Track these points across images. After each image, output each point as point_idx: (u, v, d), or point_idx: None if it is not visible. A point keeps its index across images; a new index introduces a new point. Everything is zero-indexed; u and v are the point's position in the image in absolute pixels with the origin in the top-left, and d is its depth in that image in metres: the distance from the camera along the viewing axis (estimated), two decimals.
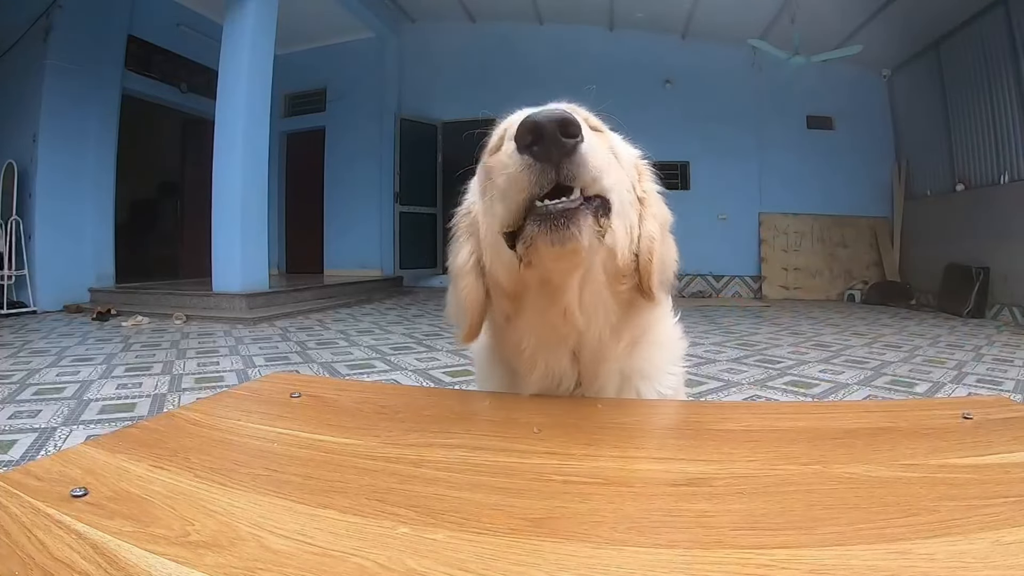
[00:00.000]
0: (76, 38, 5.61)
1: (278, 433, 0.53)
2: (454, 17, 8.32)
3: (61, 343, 3.81)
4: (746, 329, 4.99)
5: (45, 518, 0.35)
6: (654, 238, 0.63)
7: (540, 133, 0.47)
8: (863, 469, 0.44)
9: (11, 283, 5.28)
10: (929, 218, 7.24)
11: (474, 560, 0.32)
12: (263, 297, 5.36)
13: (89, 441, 0.49)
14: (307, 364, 3.32)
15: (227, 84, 5.30)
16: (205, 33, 6.70)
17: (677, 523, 0.37)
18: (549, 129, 0.47)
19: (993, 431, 0.52)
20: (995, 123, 6.01)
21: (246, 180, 5.27)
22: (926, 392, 2.79)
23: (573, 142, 0.48)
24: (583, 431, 0.54)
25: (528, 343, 0.62)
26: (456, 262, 0.66)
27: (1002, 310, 5.81)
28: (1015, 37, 5.61)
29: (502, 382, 0.69)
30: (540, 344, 0.62)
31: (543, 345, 0.62)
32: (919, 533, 0.34)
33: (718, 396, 2.68)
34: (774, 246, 8.11)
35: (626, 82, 8.17)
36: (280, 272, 8.68)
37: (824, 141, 8.12)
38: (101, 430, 2.04)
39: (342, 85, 8.30)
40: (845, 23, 6.93)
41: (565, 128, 0.47)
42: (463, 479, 0.43)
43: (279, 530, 0.35)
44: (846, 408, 0.89)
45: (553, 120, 0.47)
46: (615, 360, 0.65)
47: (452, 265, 0.67)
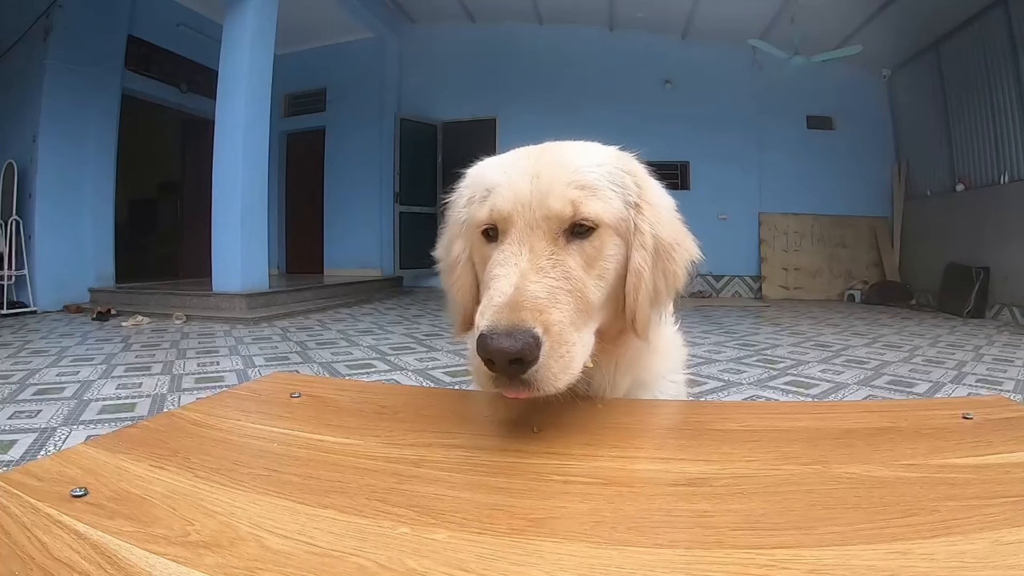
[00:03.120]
0: (76, 38, 5.61)
1: (278, 433, 0.53)
2: (454, 17, 8.32)
3: (61, 343, 3.81)
4: (746, 329, 4.98)
5: (45, 518, 0.35)
6: (641, 273, 0.59)
7: (490, 359, 0.48)
8: (863, 469, 0.44)
9: (11, 283, 5.28)
10: (929, 218, 7.24)
11: (474, 560, 0.32)
12: (263, 297, 5.36)
13: (89, 441, 0.49)
14: (307, 364, 3.32)
15: (227, 84, 5.30)
16: (205, 33, 6.70)
17: (677, 523, 0.37)
18: (500, 364, 0.47)
19: (993, 431, 0.52)
20: (995, 123, 6.01)
21: (246, 180, 5.27)
22: (926, 392, 2.79)
23: (525, 367, 0.48)
24: (583, 431, 0.54)
25: None
26: (449, 257, 0.66)
27: (1002, 310, 5.81)
28: (1015, 37, 5.61)
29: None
30: None
31: None
32: (919, 533, 0.34)
33: (718, 396, 2.68)
34: (774, 246, 8.11)
35: (626, 82, 8.18)
36: (280, 272, 8.67)
37: (824, 141, 8.12)
38: (101, 430, 2.04)
39: (342, 85, 8.29)
40: (845, 23, 6.93)
41: (520, 361, 0.47)
42: (463, 479, 0.43)
43: (279, 530, 0.35)
44: (846, 408, 0.89)
45: (503, 355, 0.47)
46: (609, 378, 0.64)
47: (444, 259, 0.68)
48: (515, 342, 0.47)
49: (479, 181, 0.62)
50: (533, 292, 0.50)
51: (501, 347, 0.46)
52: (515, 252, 0.54)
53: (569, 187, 0.56)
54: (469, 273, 0.63)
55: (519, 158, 0.61)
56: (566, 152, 0.60)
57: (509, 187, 0.57)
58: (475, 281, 0.63)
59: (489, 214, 0.57)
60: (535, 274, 0.52)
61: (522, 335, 0.47)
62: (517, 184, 0.57)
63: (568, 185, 0.56)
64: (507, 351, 0.46)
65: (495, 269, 0.54)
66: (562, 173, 0.57)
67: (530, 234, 0.55)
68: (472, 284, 0.63)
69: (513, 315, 0.48)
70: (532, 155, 0.60)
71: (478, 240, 0.60)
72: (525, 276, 0.51)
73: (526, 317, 0.48)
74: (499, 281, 0.52)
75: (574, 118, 7.71)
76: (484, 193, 0.60)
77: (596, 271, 0.57)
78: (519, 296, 0.49)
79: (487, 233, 0.59)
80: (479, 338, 0.48)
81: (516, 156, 0.61)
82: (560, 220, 0.55)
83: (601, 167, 0.59)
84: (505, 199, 0.56)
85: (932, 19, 6.51)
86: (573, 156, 0.60)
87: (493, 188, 0.58)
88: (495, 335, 0.47)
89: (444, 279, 0.68)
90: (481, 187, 0.61)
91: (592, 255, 0.57)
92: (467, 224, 0.63)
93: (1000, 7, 5.78)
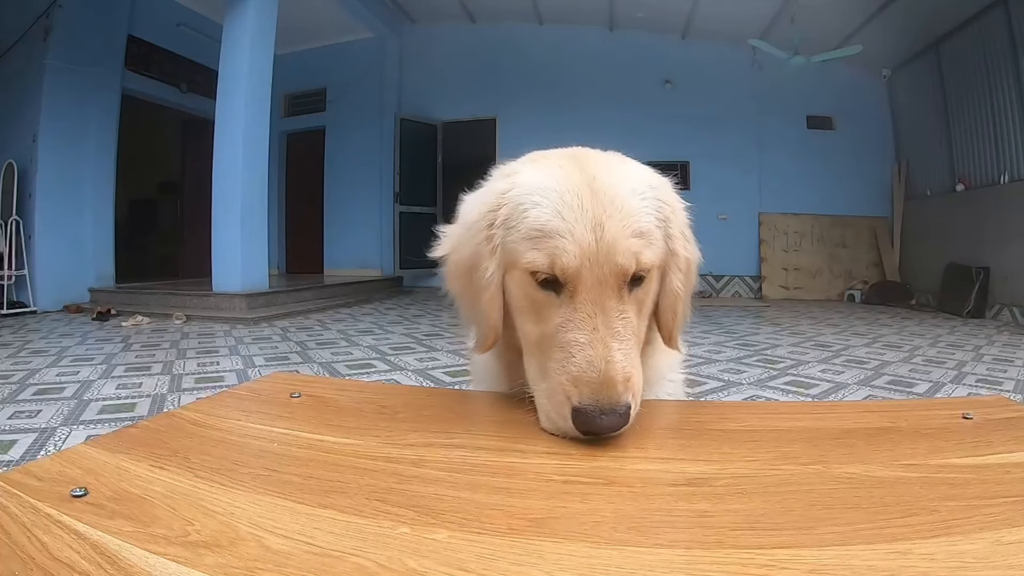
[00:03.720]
0: (76, 38, 5.62)
1: (278, 433, 0.53)
2: (454, 17, 8.32)
3: (61, 343, 3.81)
4: (746, 329, 4.99)
5: (45, 518, 0.35)
6: (679, 293, 0.62)
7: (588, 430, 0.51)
8: (863, 469, 0.44)
9: (11, 283, 5.28)
10: (929, 218, 7.24)
11: (474, 560, 0.32)
12: (263, 297, 5.36)
13: (89, 441, 0.49)
14: (307, 364, 3.32)
15: (227, 84, 5.30)
16: (205, 33, 6.70)
17: (677, 523, 0.37)
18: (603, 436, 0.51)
19: (993, 431, 0.52)
20: (995, 123, 6.01)
21: (246, 180, 5.27)
22: (926, 392, 2.79)
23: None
24: None
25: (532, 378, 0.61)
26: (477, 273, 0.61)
27: (1002, 310, 5.81)
28: (1015, 37, 5.61)
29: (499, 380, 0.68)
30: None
31: None
32: (919, 533, 0.34)
33: (718, 396, 2.68)
34: (774, 246, 8.11)
35: (626, 82, 8.18)
36: (280, 272, 8.68)
37: (824, 141, 8.12)
38: (101, 430, 2.04)
39: (342, 85, 8.30)
40: (845, 23, 6.93)
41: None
42: (463, 479, 0.43)
43: (279, 530, 0.35)
44: (846, 408, 0.89)
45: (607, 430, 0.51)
46: None
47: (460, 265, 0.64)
48: (619, 420, 0.51)
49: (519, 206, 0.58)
50: (620, 363, 0.53)
51: (608, 425, 0.50)
52: (591, 314, 0.55)
53: (631, 239, 0.56)
54: (500, 295, 0.61)
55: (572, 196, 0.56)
56: (619, 189, 0.58)
57: (573, 239, 0.55)
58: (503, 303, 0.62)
59: (551, 265, 0.55)
60: (614, 340, 0.54)
61: (623, 411, 0.51)
62: (580, 235, 0.55)
63: (630, 236, 0.56)
64: (610, 428, 0.51)
65: (572, 332, 0.54)
66: (623, 222, 0.56)
67: (600, 292, 0.55)
68: (502, 306, 0.62)
69: (614, 393, 0.51)
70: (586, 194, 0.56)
71: (525, 279, 0.58)
72: (607, 345, 0.54)
73: (622, 392, 0.52)
74: (585, 350, 0.53)
75: (574, 118, 7.78)
76: (535, 233, 0.56)
77: (645, 311, 0.60)
78: (612, 371, 0.52)
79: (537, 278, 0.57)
80: (579, 414, 0.51)
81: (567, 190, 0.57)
82: (625, 275, 0.56)
83: (645, 201, 0.59)
84: (572, 255, 0.54)
85: (932, 19, 6.51)
86: (627, 195, 0.58)
87: (550, 235, 0.55)
88: (602, 415, 0.50)
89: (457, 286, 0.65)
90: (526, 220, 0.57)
91: (643, 299, 0.59)
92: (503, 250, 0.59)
93: (1000, 7, 5.78)
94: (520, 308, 0.60)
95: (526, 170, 0.62)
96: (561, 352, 0.54)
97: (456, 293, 0.67)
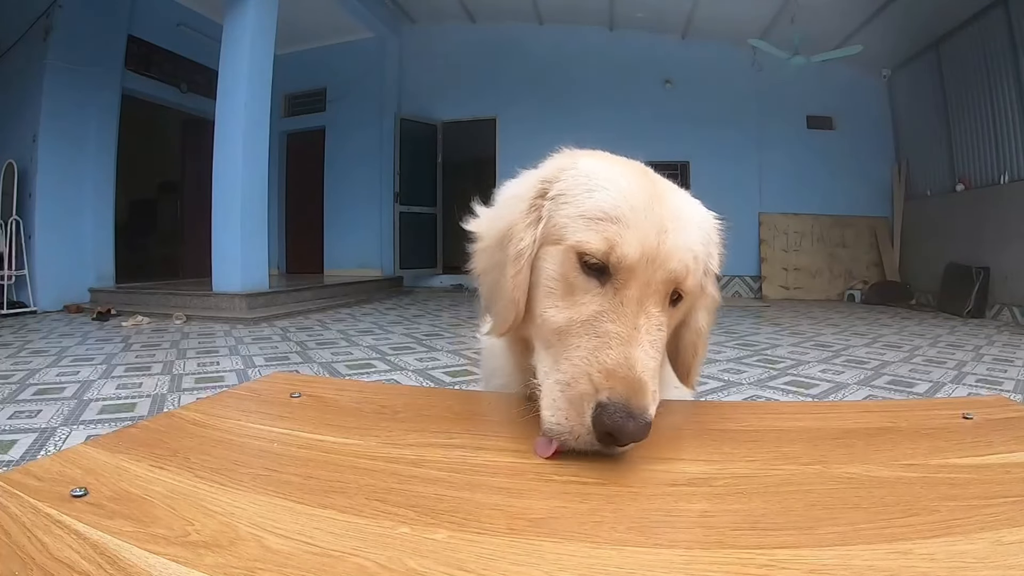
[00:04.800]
0: (76, 38, 5.61)
1: (278, 433, 0.53)
2: (454, 17, 8.32)
3: (61, 343, 3.81)
4: (746, 329, 4.98)
5: (45, 518, 0.35)
6: (701, 331, 0.60)
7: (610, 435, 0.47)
8: (863, 469, 0.44)
9: (11, 283, 5.28)
10: (929, 218, 7.24)
11: (474, 560, 0.32)
12: (263, 297, 5.36)
13: (89, 441, 0.49)
14: (307, 364, 3.32)
15: (227, 84, 5.30)
16: (205, 33, 6.70)
17: (677, 523, 0.37)
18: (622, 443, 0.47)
19: (993, 431, 0.52)
20: (995, 123, 6.01)
21: (246, 180, 5.27)
22: (926, 392, 2.79)
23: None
24: None
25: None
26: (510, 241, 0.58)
27: (1002, 310, 5.81)
28: (1015, 37, 5.61)
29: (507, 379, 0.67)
30: None
31: None
32: (919, 533, 0.34)
33: (718, 396, 2.68)
34: (774, 246, 8.11)
35: (626, 82, 8.18)
36: (280, 272, 8.68)
37: (824, 141, 8.12)
38: (101, 430, 2.04)
39: (342, 85, 8.30)
40: (845, 23, 6.93)
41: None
42: (463, 479, 0.43)
43: (279, 530, 0.35)
44: (846, 408, 0.89)
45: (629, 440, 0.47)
46: None
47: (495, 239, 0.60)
48: (642, 429, 0.46)
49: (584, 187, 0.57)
50: (651, 369, 0.50)
51: (630, 431, 0.46)
52: (634, 312, 0.52)
53: (688, 254, 0.55)
54: (528, 271, 0.58)
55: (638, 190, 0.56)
56: (683, 206, 0.59)
57: (637, 232, 0.53)
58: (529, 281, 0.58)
59: (608, 250, 0.53)
60: (650, 347, 0.52)
61: (646, 420, 0.47)
62: (645, 232, 0.53)
63: (688, 252, 0.55)
64: (634, 436, 0.46)
65: (612, 325, 0.51)
66: (685, 236, 0.55)
67: (646, 294, 0.53)
68: (527, 282, 0.58)
69: (642, 398, 0.47)
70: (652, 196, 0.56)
71: (569, 258, 0.55)
72: (642, 346, 0.51)
73: (649, 400, 0.48)
74: (625, 345, 0.50)
75: (574, 118, 7.80)
76: (597, 214, 0.55)
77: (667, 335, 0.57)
78: (642, 372, 0.49)
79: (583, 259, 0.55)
80: (605, 409, 0.46)
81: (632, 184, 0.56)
82: (673, 284, 0.54)
83: (700, 229, 0.59)
84: (632, 246, 0.53)
85: (932, 19, 6.51)
86: (689, 214, 0.59)
87: (614, 219, 0.54)
88: (631, 419, 0.46)
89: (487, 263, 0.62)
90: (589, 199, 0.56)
91: (673, 318, 0.57)
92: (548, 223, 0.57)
93: (1000, 7, 5.78)
94: (550, 290, 0.56)
95: (587, 158, 0.61)
96: (594, 341, 0.51)
97: (481, 270, 0.63)
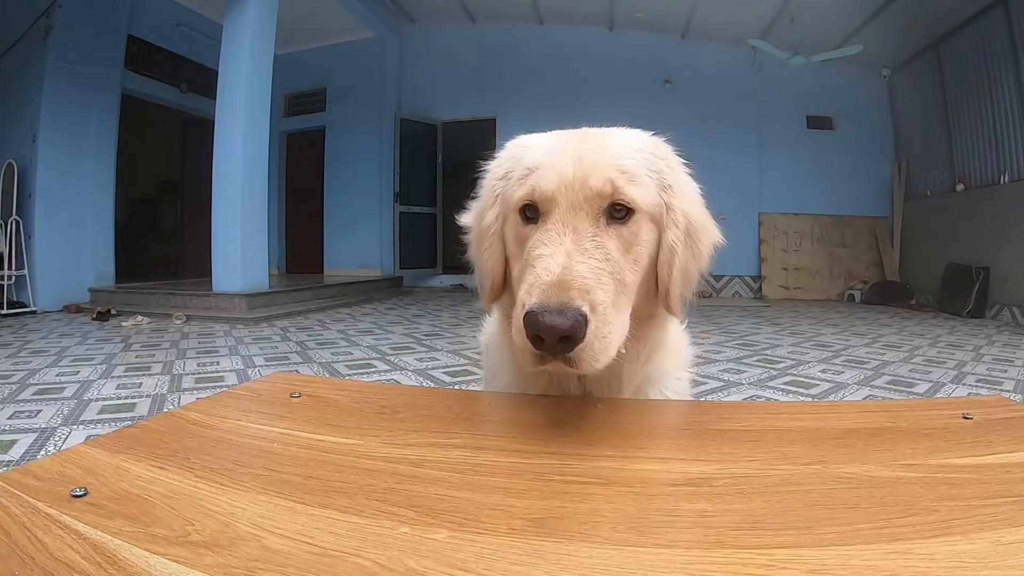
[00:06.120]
0: (76, 38, 5.61)
1: (278, 433, 0.53)
2: (454, 17, 8.32)
3: (61, 343, 3.81)
4: (746, 329, 4.98)
5: (45, 518, 0.35)
6: (675, 251, 0.61)
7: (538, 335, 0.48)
8: (863, 469, 0.44)
9: (11, 283, 5.28)
10: (929, 218, 7.24)
11: (474, 560, 0.32)
12: (263, 297, 5.36)
13: (89, 441, 0.49)
14: (307, 364, 3.32)
15: (227, 84, 5.30)
16: (205, 33, 6.70)
17: (677, 523, 0.37)
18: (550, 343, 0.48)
19: (993, 431, 0.52)
20: (995, 123, 6.01)
21: (246, 180, 5.26)
22: (926, 392, 2.79)
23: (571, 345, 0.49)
24: (583, 431, 0.54)
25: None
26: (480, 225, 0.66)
27: (1002, 310, 5.80)
28: (1015, 37, 5.61)
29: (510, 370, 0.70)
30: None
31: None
32: (919, 533, 0.34)
33: (718, 396, 2.68)
34: (774, 246, 8.11)
35: (626, 82, 8.18)
36: (280, 272, 8.67)
37: (824, 141, 8.12)
38: (101, 430, 2.04)
39: (342, 85, 8.29)
40: (845, 23, 6.93)
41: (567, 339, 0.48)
42: (463, 479, 0.43)
43: (279, 530, 0.35)
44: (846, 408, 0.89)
45: (554, 332, 0.48)
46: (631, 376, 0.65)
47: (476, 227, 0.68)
48: (566, 319, 0.47)
49: (519, 157, 0.63)
50: (580, 272, 0.51)
51: (553, 324, 0.47)
52: (559, 232, 0.55)
53: (610, 169, 0.57)
54: (499, 243, 0.64)
55: (561, 140, 0.62)
56: (607, 137, 0.63)
57: (553, 168, 0.58)
58: (503, 253, 0.64)
59: (531, 193, 0.58)
60: (580, 255, 0.53)
61: (572, 313, 0.48)
62: (560, 165, 0.58)
63: (609, 167, 0.58)
64: (559, 328, 0.47)
65: (539, 248, 0.54)
66: (604, 156, 0.59)
67: (573, 215, 0.56)
68: (501, 255, 0.64)
69: (563, 294, 0.49)
70: (574, 138, 0.61)
71: (514, 217, 0.61)
72: (571, 256, 0.52)
73: (575, 296, 0.49)
74: (545, 260, 0.53)
75: (574, 118, 7.69)
76: (524, 172, 0.60)
77: (632, 255, 0.58)
78: (567, 275, 0.51)
79: (524, 212, 0.60)
80: (528, 315, 0.48)
81: (557, 138, 0.63)
82: (600, 199, 0.56)
83: (639, 152, 0.62)
84: (548, 180, 0.57)
85: (932, 19, 6.51)
86: (614, 141, 0.62)
87: (535, 168, 0.59)
88: (546, 312, 0.48)
89: (474, 247, 0.69)
90: (521, 165, 0.61)
91: (629, 240, 0.58)
92: (502, 198, 0.64)
93: (1000, 7, 5.78)
94: (513, 254, 0.62)
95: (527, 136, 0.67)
96: (530, 272, 0.54)
97: (472, 257, 0.70)
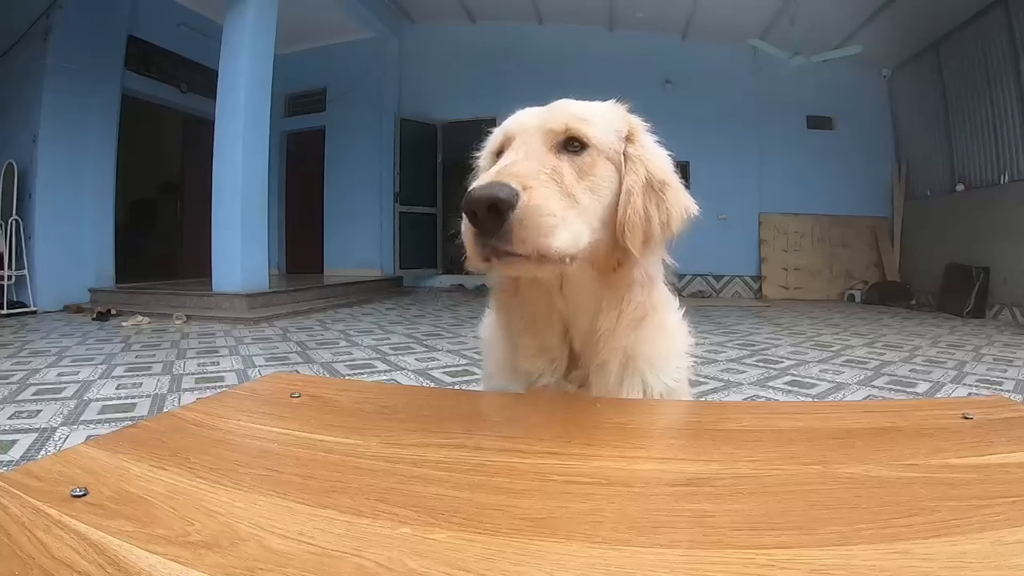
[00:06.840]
0: (76, 38, 5.61)
1: (278, 433, 0.53)
2: (454, 17, 8.32)
3: (61, 343, 3.81)
4: (746, 329, 4.98)
5: (45, 518, 0.35)
6: (632, 193, 0.65)
7: (473, 211, 0.53)
8: (863, 469, 0.44)
9: (11, 283, 5.27)
10: (929, 218, 7.24)
11: (475, 560, 0.32)
12: (263, 297, 5.36)
13: (89, 441, 0.49)
14: (307, 364, 3.32)
15: (227, 84, 5.30)
16: (205, 33, 6.69)
17: (677, 523, 0.37)
18: (480, 211, 0.52)
19: (993, 431, 0.52)
20: (995, 123, 6.01)
21: (246, 180, 5.26)
22: (926, 392, 2.79)
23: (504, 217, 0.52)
24: (583, 431, 0.54)
25: (525, 315, 0.69)
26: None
27: (1002, 310, 5.81)
28: (1015, 37, 5.61)
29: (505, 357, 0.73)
30: (535, 318, 0.68)
31: (537, 319, 0.68)
32: (919, 533, 0.34)
33: (718, 396, 2.68)
34: (774, 246, 8.11)
35: (626, 82, 8.14)
36: (280, 272, 8.67)
37: (824, 141, 8.12)
38: (101, 430, 2.04)
39: (342, 85, 8.29)
40: (845, 23, 6.93)
41: (495, 207, 0.52)
42: (463, 479, 0.43)
43: (279, 530, 0.35)
44: (846, 408, 0.89)
45: (482, 201, 0.52)
46: (616, 339, 0.67)
47: None
48: (492, 189, 0.52)
49: (501, 129, 0.72)
50: (519, 169, 0.57)
51: (480, 195, 0.51)
52: (513, 151, 0.62)
53: (567, 116, 0.65)
54: None
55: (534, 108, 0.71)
56: (571, 102, 0.71)
57: (518, 120, 0.69)
58: None
59: (500, 139, 0.69)
60: (526, 161, 0.59)
61: (499, 186, 0.52)
62: (524, 120, 0.68)
63: (566, 115, 0.65)
64: (484, 198, 0.51)
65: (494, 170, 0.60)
66: (563, 108, 0.68)
67: (527, 143, 0.63)
68: None
69: (496, 178, 0.54)
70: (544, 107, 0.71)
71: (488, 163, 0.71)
72: (516, 163, 0.58)
73: (507, 180, 0.54)
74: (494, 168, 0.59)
75: None
76: (501, 134, 0.70)
77: (587, 183, 0.63)
78: (507, 170, 0.56)
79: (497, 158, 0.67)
80: (464, 197, 0.53)
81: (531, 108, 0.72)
82: (555, 134, 0.63)
83: (599, 111, 0.70)
84: (512, 125, 0.68)
85: (932, 19, 6.51)
86: (577, 103, 0.70)
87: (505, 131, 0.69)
88: (477, 188, 0.52)
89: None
90: (501, 132, 0.71)
91: (583, 168, 0.63)
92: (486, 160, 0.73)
93: (1000, 7, 5.78)
94: None
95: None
96: None
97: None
